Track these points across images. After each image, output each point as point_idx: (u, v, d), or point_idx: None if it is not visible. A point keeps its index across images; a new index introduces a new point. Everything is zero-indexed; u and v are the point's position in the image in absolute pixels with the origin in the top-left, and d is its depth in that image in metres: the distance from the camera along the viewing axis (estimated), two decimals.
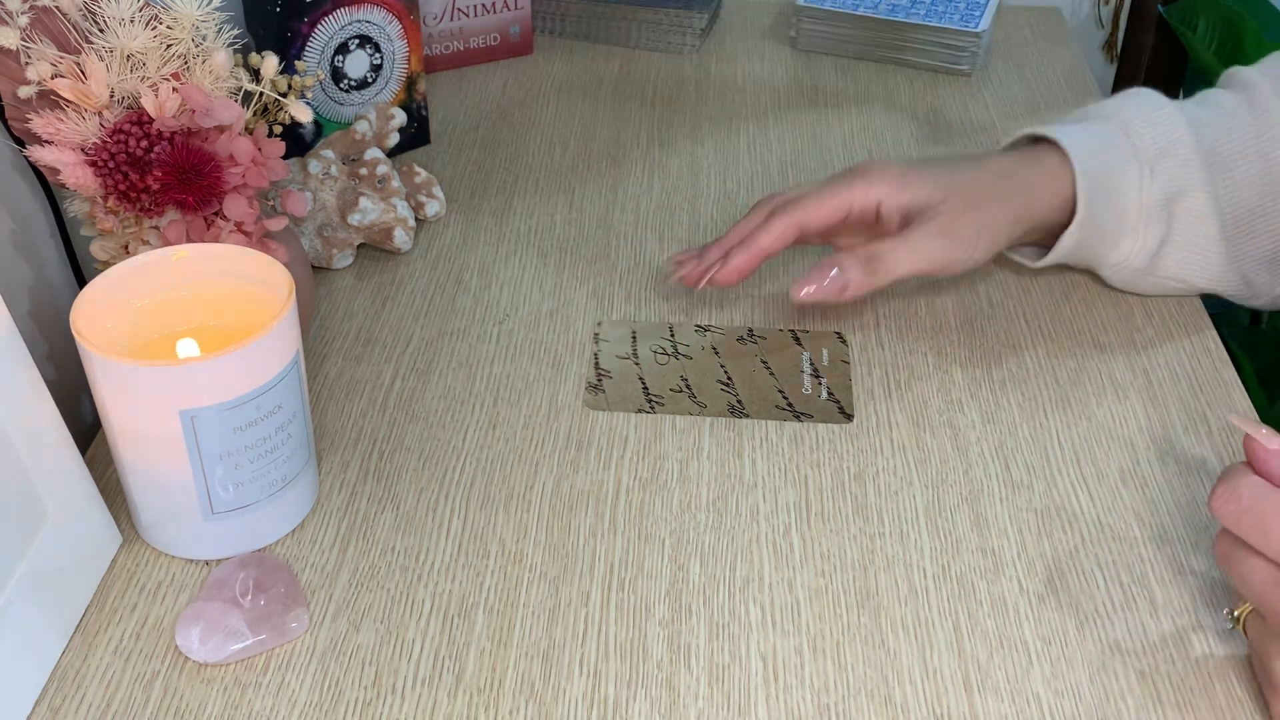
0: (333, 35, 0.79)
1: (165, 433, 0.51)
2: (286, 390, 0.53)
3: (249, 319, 0.55)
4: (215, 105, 0.56)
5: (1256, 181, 0.67)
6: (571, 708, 0.50)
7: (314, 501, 0.59)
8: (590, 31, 1.03)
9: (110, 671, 0.52)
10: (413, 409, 0.65)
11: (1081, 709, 0.50)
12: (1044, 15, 1.08)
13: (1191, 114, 0.69)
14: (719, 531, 0.58)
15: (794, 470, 0.61)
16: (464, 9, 0.96)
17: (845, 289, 0.64)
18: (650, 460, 0.62)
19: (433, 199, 0.79)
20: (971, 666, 0.52)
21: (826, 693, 0.51)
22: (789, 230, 0.65)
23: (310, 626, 0.53)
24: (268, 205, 0.67)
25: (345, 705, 0.50)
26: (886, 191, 0.65)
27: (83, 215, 0.60)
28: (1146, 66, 1.32)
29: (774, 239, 0.65)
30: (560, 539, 0.58)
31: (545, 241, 0.78)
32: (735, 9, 1.09)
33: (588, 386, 0.66)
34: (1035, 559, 0.57)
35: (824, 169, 0.85)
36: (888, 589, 0.55)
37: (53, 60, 0.55)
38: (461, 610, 0.54)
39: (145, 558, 0.57)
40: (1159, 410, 0.65)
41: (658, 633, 0.53)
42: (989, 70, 1.00)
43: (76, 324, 0.51)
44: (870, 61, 1.01)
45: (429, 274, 0.75)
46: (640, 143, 0.89)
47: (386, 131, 0.77)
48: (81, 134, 0.56)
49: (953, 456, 0.62)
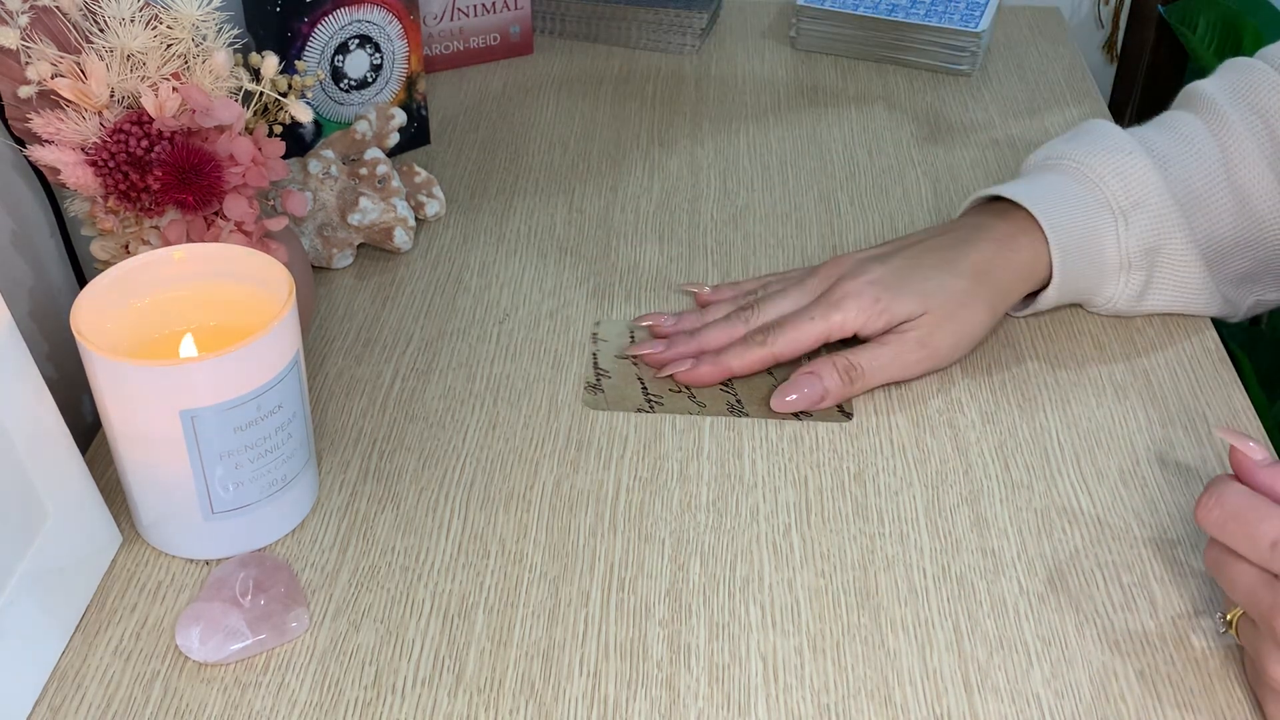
0: (333, 35, 0.79)
1: (165, 433, 0.51)
2: (286, 390, 0.53)
3: (249, 319, 0.55)
4: (215, 105, 0.56)
5: (1231, 215, 0.67)
6: (571, 708, 0.50)
7: (314, 501, 0.59)
8: (590, 31, 1.03)
9: (110, 671, 0.52)
10: (413, 409, 0.65)
11: (1081, 709, 0.50)
12: (1044, 15, 1.08)
13: (1157, 150, 0.67)
14: (719, 531, 0.58)
15: (794, 470, 0.61)
16: (464, 9, 0.96)
17: (824, 398, 0.64)
18: (650, 460, 0.62)
19: (433, 199, 0.79)
20: (971, 666, 0.52)
21: (826, 693, 0.51)
22: (762, 363, 0.65)
23: (310, 626, 0.53)
24: (268, 205, 0.67)
25: (345, 705, 0.50)
26: (863, 321, 0.64)
27: (83, 215, 0.60)
28: (1146, 66, 1.32)
29: (744, 366, 0.65)
30: (560, 539, 0.58)
31: (545, 241, 0.78)
32: (735, 9, 1.09)
33: (586, 386, 0.66)
34: (1035, 559, 0.57)
35: (824, 169, 0.85)
36: (888, 589, 0.55)
37: (53, 60, 0.55)
38: (461, 610, 0.54)
39: (145, 558, 0.57)
40: (1159, 410, 0.65)
41: (658, 633, 0.53)
42: (989, 70, 1.00)
43: (76, 324, 0.51)
44: (870, 61, 1.00)
45: (429, 274, 0.75)
46: (640, 143, 0.89)
47: (386, 131, 0.77)
48: (81, 134, 0.56)
49: (953, 456, 0.62)
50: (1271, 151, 0.67)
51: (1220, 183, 0.67)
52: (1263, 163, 0.67)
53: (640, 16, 1.01)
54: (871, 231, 0.79)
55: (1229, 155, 0.67)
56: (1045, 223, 0.65)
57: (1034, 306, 0.69)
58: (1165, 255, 0.67)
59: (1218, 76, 0.71)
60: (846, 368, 0.64)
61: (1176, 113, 0.71)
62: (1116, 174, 0.66)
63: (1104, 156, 0.67)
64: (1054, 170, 0.69)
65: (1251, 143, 0.67)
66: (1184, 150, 0.68)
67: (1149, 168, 0.66)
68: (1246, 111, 0.68)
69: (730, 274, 0.75)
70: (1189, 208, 0.67)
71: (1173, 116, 0.70)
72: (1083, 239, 0.66)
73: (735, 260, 0.76)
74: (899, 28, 0.98)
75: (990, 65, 1.00)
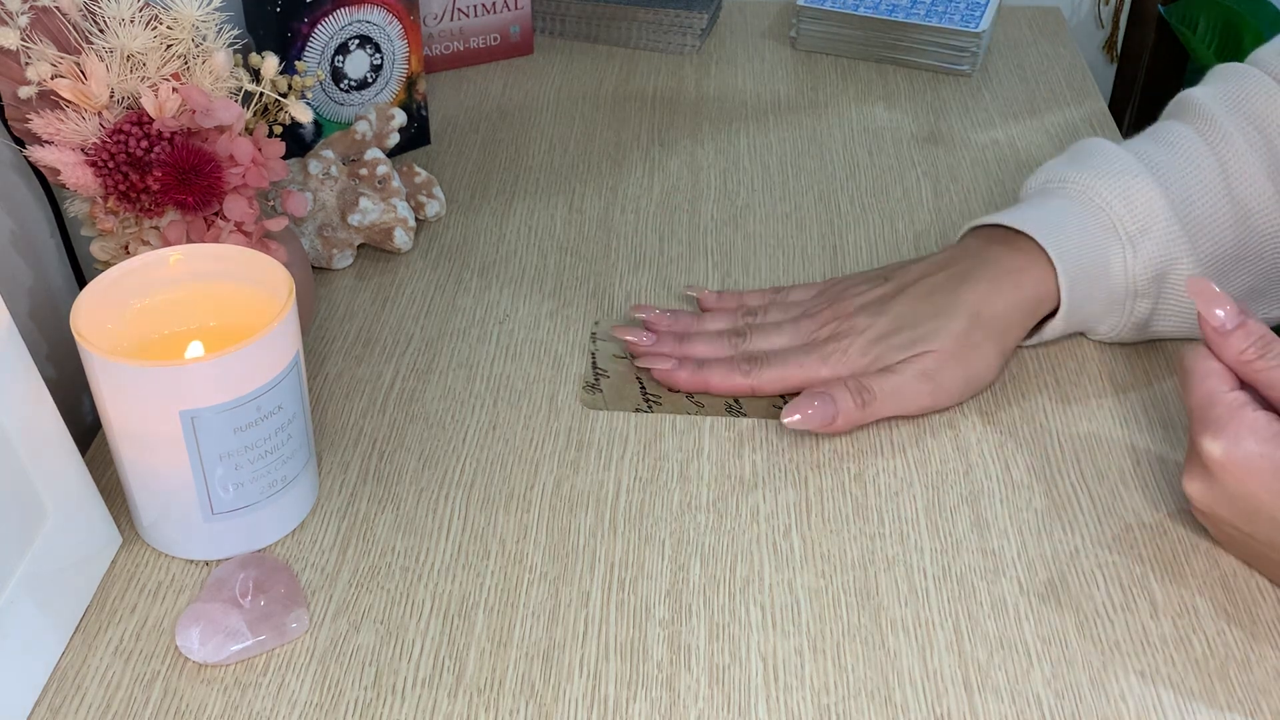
0: (333, 35, 0.79)
1: (165, 433, 0.51)
2: (287, 391, 0.53)
3: (249, 319, 0.55)
4: (215, 105, 0.56)
5: (1232, 230, 0.65)
6: (571, 708, 0.50)
7: (314, 502, 0.59)
8: (590, 32, 1.03)
9: (110, 672, 0.52)
10: (413, 409, 0.65)
11: (1081, 710, 0.50)
12: (1044, 15, 1.08)
13: (1159, 169, 0.66)
14: (719, 532, 0.58)
15: (794, 470, 0.61)
16: (464, 9, 0.96)
17: (834, 419, 0.61)
18: (650, 460, 0.62)
19: (433, 199, 0.79)
20: (972, 667, 0.52)
21: (826, 693, 0.51)
22: (740, 392, 0.65)
23: (310, 627, 0.53)
24: (268, 205, 0.67)
25: (345, 705, 0.50)
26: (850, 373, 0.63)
27: (83, 215, 0.60)
28: (1146, 66, 1.32)
29: (722, 388, 0.65)
30: (560, 539, 0.58)
31: (545, 241, 0.78)
32: (735, 9, 1.09)
33: (585, 386, 0.66)
34: (1035, 560, 0.57)
35: (824, 169, 0.85)
36: (888, 589, 0.55)
37: (53, 60, 0.55)
38: (461, 610, 0.54)
39: (145, 558, 0.57)
40: (1160, 410, 0.65)
41: (658, 633, 0.53)
42: (989, 70, 1.00)
43: (76, 324, 0.51)
44: (870, 61, 1.01)
45: (429, 274, 0.75)
46: (640, 143, 0.89)
47: (386, 132, 0.77)
48: (81, 134, 0.56)
49: (953, 457, 0.62)
50: (1270, 163, 0.65)
51: (1221, 198, 0.65)
52: (1262, 175, 0.65)
53: (640, 16, 1.01)
54: (871, 231, 0.79)
55: (1228, 169, 0.65)
56: (1053, 252, 0.64)
57: (1039, 337, 0.67)
58: (1172, 281, 0.65)
59: (1210, 85, 0.69)
60: (859, 388, 0.62)
61: (1171, 124, 0.69)
62: (1122, 198, 0.65)
63: (1109, 180, 0.65)
64: (1057, 195, 0.67)
65: (1251, 155, 0.65)
66: (1184, 166, 0.66)
67: (1154, 190, 0.64)
68: (1243, 122, 0.66)
69: (730, 274, 0.75)
70: (1192, 227, 0.65)
71: (1167, 129, 0.68)
72: (1091, 267, 0.64)
73: (735, 260, 0.76)
74: (899, 28, 0.99)
75: (990, 65, 1.00)
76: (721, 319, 0.69)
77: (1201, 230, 0.65)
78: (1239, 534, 0.54)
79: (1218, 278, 0.66)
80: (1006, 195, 0.83)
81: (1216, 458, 0.52)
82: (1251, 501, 0.52)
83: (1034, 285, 0.64)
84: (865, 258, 0.77)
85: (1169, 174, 0.66)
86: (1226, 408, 0.52)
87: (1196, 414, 0.53)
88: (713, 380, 0.65)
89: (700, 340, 0.67)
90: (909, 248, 0.77)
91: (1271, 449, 0.50)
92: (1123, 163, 0.66)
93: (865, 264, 0.76)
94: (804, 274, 0.75)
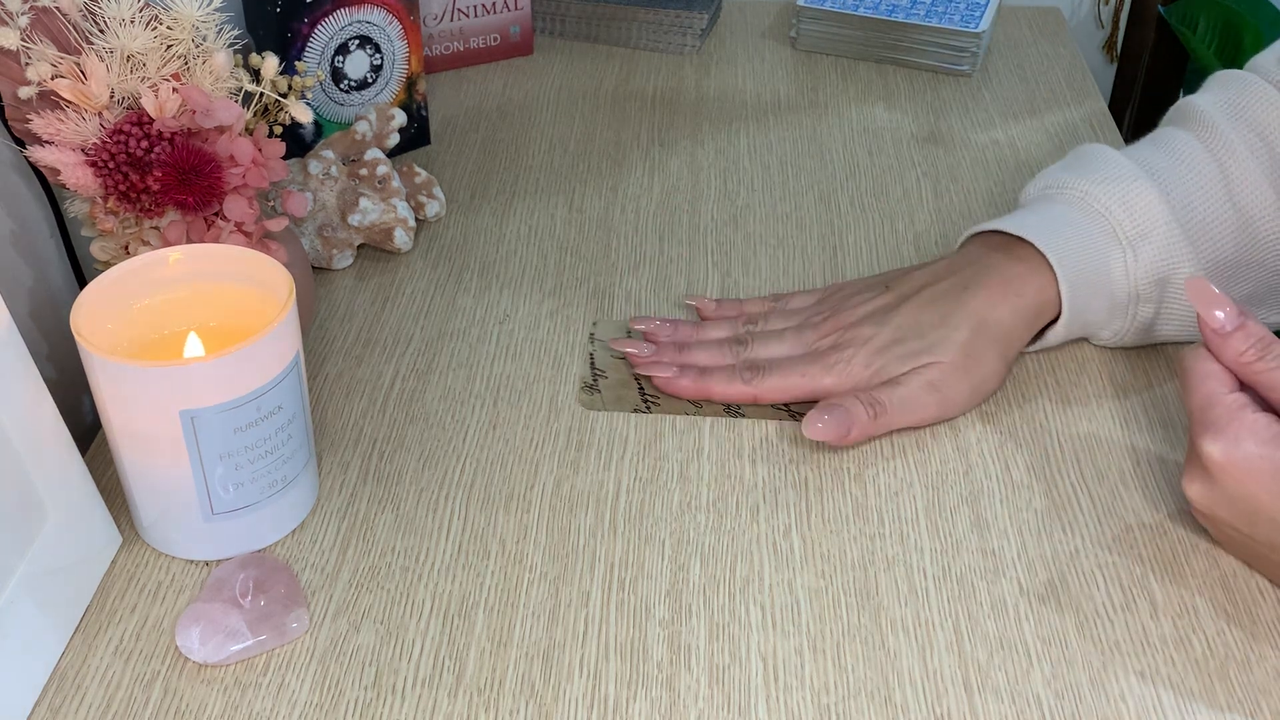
0: (333, 36, 0.79)
1: (165, 433, 0.51)
2: (287, 391, 0.53)
3: (249, 319, 0.55)
4: (215, 105, 0.56)
5: (1233, 236, 0.65)
6: (571, 708, 0.50)
7: (314, 502, 0.59)
8: (590, 32, 1.03)
9: (110, 672, 0.52)
10: (413, 409, 0.65)
11: (1081, 710, 0.50)
12: (1044, 15, 1.08)
13: (1159, 174, 0.65)
14: (719, 532, 0.58)
15: (794, 471, 0.61)
16: (464, 9, 0.96)
17: (849, 432, 0.61)
18: (650, 460, 0.62)
19: (433, 199, 0.79)
20: (971, 667, 0.52)
21: (826, 693, 0.51)
22: (742, 399, 0.65)
23: (310, 627, 0.53)
24: (268, 206, 0.67)
25: (345, 705, 0.50)
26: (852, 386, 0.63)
27: (83, 215, 0.60)
28: (1146, 66, 1.32)
29: (724, 396, 0.65)
30: (560, 539, 0.58)
31: (545, 241, 0.78)
32: (735, 9, 1.09)
33: (583, 386, 0.66)
34: (1035, 560, 0.57)
35: (824, 169, 0.85)
36: (888, 590, 0.55)
37: (53, 61, 0.55)
38: (461, 610, 0.54)
39: (145, 558, 0.57)
40: (1160, 411, 0.65)
41: (658, 633, 0.53)
42: (989, 70, 1.00)
43: (76, 324, 0.51)
44: (870, 61, 1.01)
45: (429, 274, 0.75)
46: (640, 143, 0.89)
47: (386, 132, 0.77)
48: (81, 134, 0.56)
49: (953, 457, 0.62)
50: (1272, 170, 0.65)
51: (1222, 204, 0.65)
52: (1264, 182, 0.65)
53: (640, 16, 1.01)
54: (871, 231, 0.79)
55: (1229, 175, 0.65)
56: (1053, 258, 0.64)
57: (1041, 343, 0.67)
58: (1174, 285, 0.65)
59: (1210, 92, 0.69)
60: (871, 402, 0.62)
61: (1172, 130, 0.69)
62: (1122, 203, 0.64)
63: (1108, 185, 0.65)
64: (1057, 201, 0.67)
65: (1252, 162, 0.65)
66: (1185, 172, 0.66)
67: (1154, 195, 0.64)
68: (1244, 129, 0.66)
69: (730, 274, 0.75)
70: (1193, 232, 0.65)
71: (1169, 135, 0.68)
72: (1092, 273, 0.64)
73: (735, 260, 0.76)
74: (899, 28, 0.99)
75: (990, 65, 1.00)
76: (722, 327, 0.69)
77: (1203, 235, 0.65)
78: (1239, 535, 0.54)
79: (1219, 283, 0.65)
80: (1006, 195, 0.83)
81: (1216, 459, 0.52)
82: (1251, 503, 0.52)
83: (1035, 292, 0.64)
84: (865, 258, 0.77)
85: (1169, 179, 0.65)
86: (1226, 409, 0.52)
87: (1196, 415, 0.53)
88: (715, 388, 0.65)
89: (701, 349, 0.67)
90: (909, 248, 0.77)
91: (1271, 450, 0.50)
92: (1122, 168, 0.66)
93: (865, 264, 0.76)
94: (804, 273, 0.75)
